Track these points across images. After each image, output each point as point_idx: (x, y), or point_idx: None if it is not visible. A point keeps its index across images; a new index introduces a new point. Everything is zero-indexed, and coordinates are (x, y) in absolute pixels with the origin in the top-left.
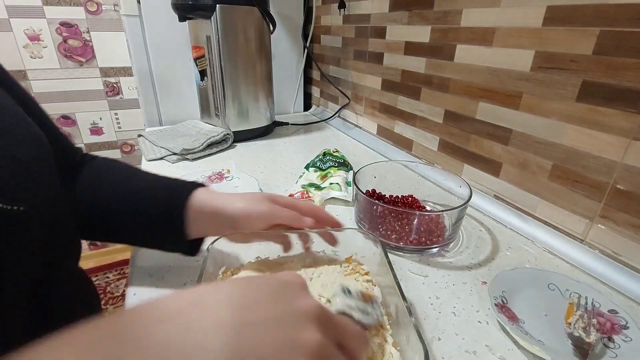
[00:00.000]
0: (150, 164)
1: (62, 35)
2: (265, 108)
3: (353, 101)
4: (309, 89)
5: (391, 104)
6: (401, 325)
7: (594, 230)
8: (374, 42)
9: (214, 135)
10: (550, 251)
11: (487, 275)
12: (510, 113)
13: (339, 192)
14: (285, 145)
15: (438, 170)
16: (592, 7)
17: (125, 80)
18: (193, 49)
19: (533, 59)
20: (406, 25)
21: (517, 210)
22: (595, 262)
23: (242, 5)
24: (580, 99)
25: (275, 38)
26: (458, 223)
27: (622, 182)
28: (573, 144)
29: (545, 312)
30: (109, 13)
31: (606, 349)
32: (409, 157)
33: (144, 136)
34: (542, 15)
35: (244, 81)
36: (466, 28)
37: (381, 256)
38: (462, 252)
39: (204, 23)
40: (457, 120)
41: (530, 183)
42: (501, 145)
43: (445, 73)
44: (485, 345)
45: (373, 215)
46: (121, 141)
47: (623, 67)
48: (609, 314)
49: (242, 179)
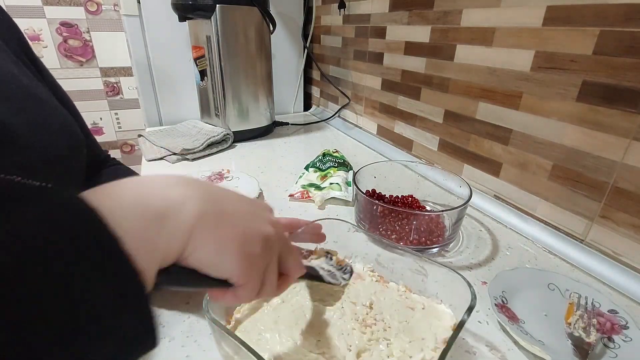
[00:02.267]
0: (150, 164)
1: (62, 35)
2: (265, 108)
3: (353, 101)
4: (309, 89)
5: (391, 104)
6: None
7: (594, 230)
8: (374, 42)
9: (214, 135)
10: (550, 251)
11: (487, 275)
12: (510, 113)
13: (339, 192)
14: (285, 145)
15: (438, 170)
16: (592, 7)
17: (125, 80)
18: (193, 49)
19: (533, 59)
20: (406, 25)
21: (517, 210)
22: (595, 262)
23: (242, 5)
24: (580, 99)
25: (275, 38)
26: (458, 223)
27: (622, 182)
28: (573, 144)
29: (545, 312)
30: (109, 13)
31: (606, 349)
32: (409, 157)
33: (144, 136)
34: (542, 15)
35: (244, 81)
36: (466, 28)
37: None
38: (462, 252)
39: (204, 23)
40: (457, 120)
41: (530, 183)
42: (501, 145)
43: (445, 73)
44: (485, 345)
45: (373, 215)
46: (121, 141)
47: (623, 67)
48: (609, 314)
49: (242, 179)
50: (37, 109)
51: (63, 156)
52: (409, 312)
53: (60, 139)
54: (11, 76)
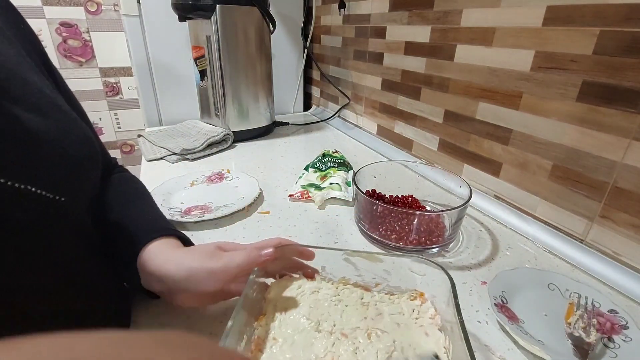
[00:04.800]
0: (150, 164)
1: (62, 35)
2: (265, 108)
3: (353, 101)
4: (309, 89)
5: (391, 104)
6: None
7: (594, 230)
8: (374, 42)
9: (214, 135)
10: (550, 251)
11: (487, 275)
12: (510, 113)
13: (339, 192)
14: (285, 145)
15: (438, 170)
16: (592, 7)
17: (125, 80)
18: (193, 49)
19: (533, 59)
20: (406, 25)
21: (517, 210)
22: (595, 262)
23: (242, 5)
24: (580, 99)
25: (275, 38)
26: (458, 223)
27: (622, 182)
28: (573, 144)
29: (545, 312)
30: (109, 13)
31: (606, 349)
32: (409, 157)
33: (144, 136)
34: (542, 15)
35: (244, 81)
36: (466, 28)
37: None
38: (462, 252)
39: (204, 23)
40: (457, 120)
41: (530, 183)
42: (501, 145)
43: (445, 73)
44: (485, 345)
45: (373, 215)
46: (121, 141)
47: (623, 67)
48: (609, 314)
49: (242, 179)
50: (61, 118)
51: (83, 166)
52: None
53: (82, 149)
54: (37, 87)
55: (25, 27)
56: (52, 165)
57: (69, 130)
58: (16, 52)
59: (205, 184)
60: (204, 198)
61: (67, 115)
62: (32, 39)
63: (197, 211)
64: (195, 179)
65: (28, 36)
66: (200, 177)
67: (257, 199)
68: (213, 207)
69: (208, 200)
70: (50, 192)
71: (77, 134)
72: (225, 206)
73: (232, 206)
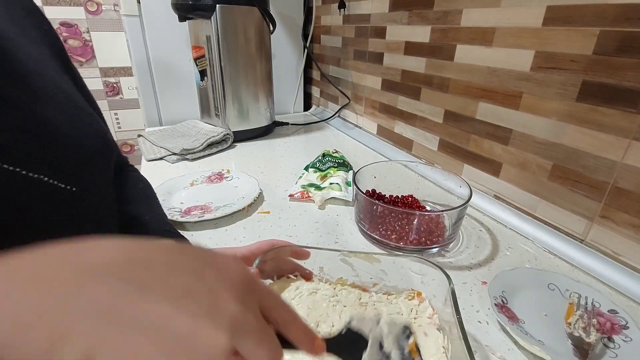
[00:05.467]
0: (150, 164)
1: (62, 35)
2: (265, 108)
3: (353, 101)
4: (309, 89)
5: (391, 104)
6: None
7: (594, 230)
8: (374, 42)
9: (214, 135)
10: (550, 251)
11: (487, 275)
12: (510, 113)
13: (339, 192)
14: (285, 145)
15: (438, 170)
16: (592, 7)
17: (125, 80)
18: (193, 49)
19: (533, 59)
20: (406, 25)
21: (517, 210)
22: (595, 262)
23: (242, 5)
24: (580, 99)
25: (275, 38)
26: (458, 223)
27: (622, 182)
28: (573, 144)
29: (545, 312)
30: (109, 13)
31: (606, 349)
32: (409, 157)
33: (144, 136)
34: (542, 15)
35: (244, 81)
36: (466, 28)
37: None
38: (462, 252)
39: (204, 23)
40: (457, 120)
41: (530, 183)
42: (501, 145)
43: (445, 73)
44: (485, 345)
45: (373, 215)
46: (121, 141)
47: (623, 67)
48: (609, 314)
49: (242, 179)
50: (77, 112)
51: (96, 160)
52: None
53: (96, 143)
54: (55, 83)
55: (49, 28)
56: (64, 156)
57: (83, 124)
58: (39, 52)
59: (205, 184)
60: (204, 198)
61: (82, 111)
62: (54, 40)
63: (197, 211)
64: (195, 179)
65: (50, 37)
66: (200, 177)
67: (257, 199)
68: (213, 207)
69: (208, 201)
70: (61, 182)
71: (91, 127)
72: (225, 206)
73: (232, 206)
